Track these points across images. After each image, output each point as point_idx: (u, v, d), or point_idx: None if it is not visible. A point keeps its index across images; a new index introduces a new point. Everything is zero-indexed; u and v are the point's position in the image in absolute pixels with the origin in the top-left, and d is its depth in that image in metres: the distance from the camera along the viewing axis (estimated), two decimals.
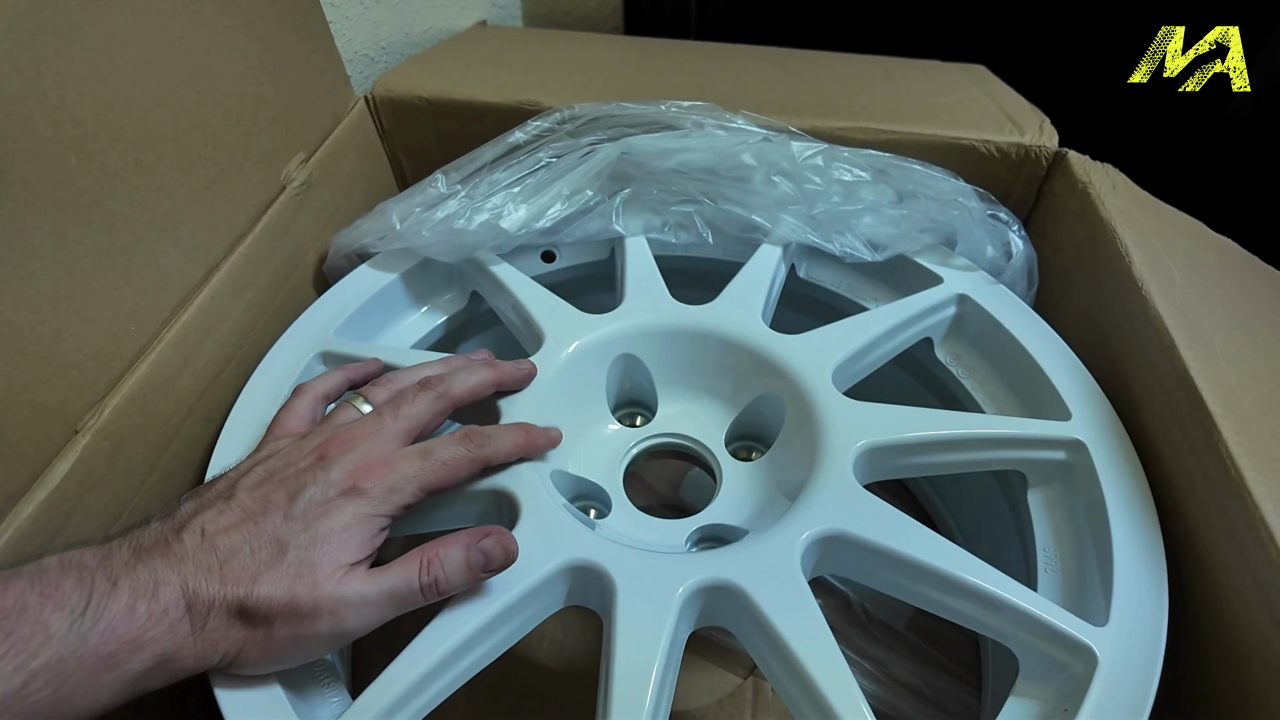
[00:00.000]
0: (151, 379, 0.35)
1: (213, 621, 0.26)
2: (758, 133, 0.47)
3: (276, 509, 0.28)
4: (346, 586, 0.28)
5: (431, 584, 0.29)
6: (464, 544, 0.29)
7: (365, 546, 0.29)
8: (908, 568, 0.32)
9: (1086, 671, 0.29)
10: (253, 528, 0.28)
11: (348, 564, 0.28)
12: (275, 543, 0.27)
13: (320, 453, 0.31)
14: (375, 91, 0.53)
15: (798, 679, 0.29)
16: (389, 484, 0.30)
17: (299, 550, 0.27)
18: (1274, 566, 0.28)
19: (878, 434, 0.36)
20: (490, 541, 0.30)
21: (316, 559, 0.27)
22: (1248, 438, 0.32)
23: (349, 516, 0.29)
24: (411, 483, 0.31)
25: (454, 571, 0.29)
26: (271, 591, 0.26)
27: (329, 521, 0.28)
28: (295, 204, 0.45)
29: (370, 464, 0.30)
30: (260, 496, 0.29)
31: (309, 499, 0.29)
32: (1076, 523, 0.36)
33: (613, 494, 0.40)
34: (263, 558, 0.27)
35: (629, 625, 0.30)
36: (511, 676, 0.47)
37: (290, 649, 0.28)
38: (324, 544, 0.28)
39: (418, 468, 0.31)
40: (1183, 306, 0.38)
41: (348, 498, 0.29)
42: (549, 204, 0.45)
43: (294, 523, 0.28)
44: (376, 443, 0.31)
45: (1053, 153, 0.49)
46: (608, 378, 0.43)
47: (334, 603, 0.27)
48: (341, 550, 0.28)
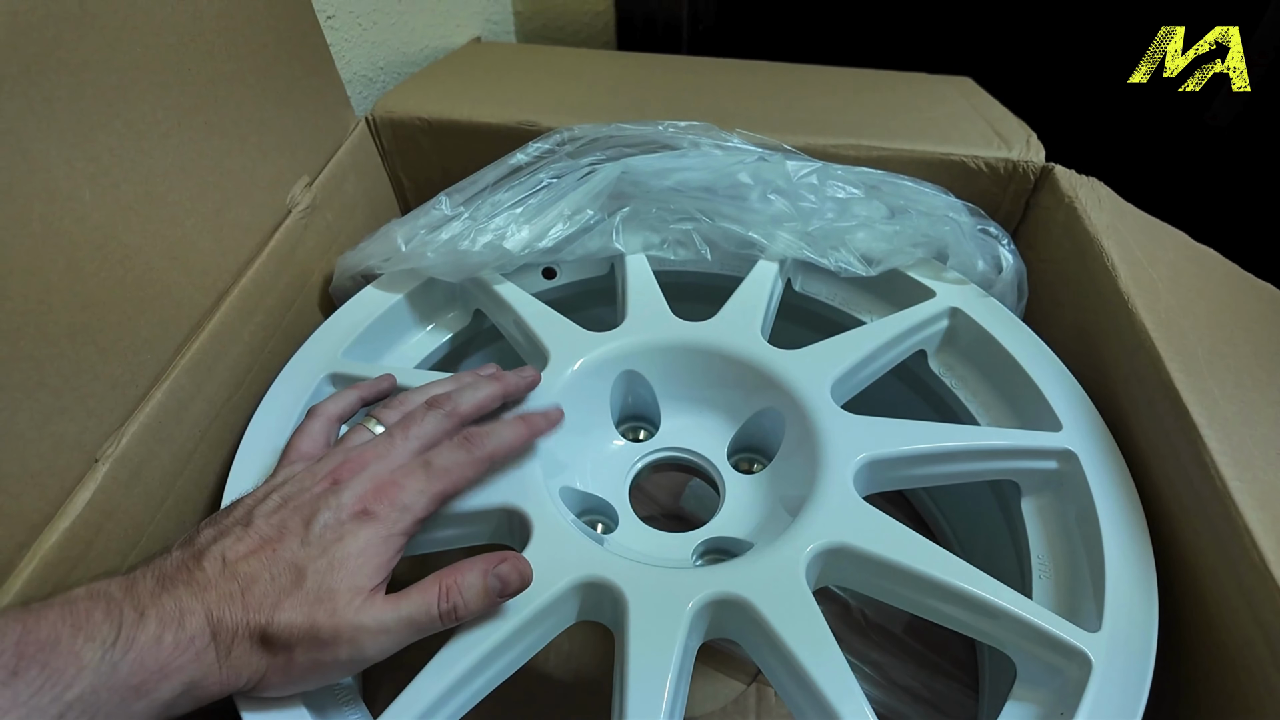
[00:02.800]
0: (166, 405, 0.36)
1: (237, 649, 0.27)
2: (753, 151, 0.48)
3: (293, 535, 0.29)
4: (366, 614, 0.28)
5: (450, 610, 0.29)
6: (481, 571, 0.30)
7: (382, 569, 0.30)
8: (908, 578, 0.33)
9: (1081, 675, 0.30)
10: (270, 554, 0.28)
11: (366, 589, 0.29)
12: (293, 569, 0.28)
13: (334, 477, 0.31)
14: (375, 113, 0.54)
15: (805, 689, 0.30)
16: (400, 503, 0.31)
17: (317, 576, 0.28)
18: (1257, 571, 0.29)
19: (876, 447, 0.37)
20: (507, 568, 0.30)
21: (334, 585, 0.28)
22: (1231, 446, 0.33)
23: (364, 540, 0.29)
24: (421, 497, 0.31)
25: (472, 598, 0.30)
26: (292, 619, 0.27)
27: (344, 546, 0.29)
28: (300, 227, 0.46)
29: (380, 485, 0.31)
30: (277, 523, 0.29)
31: (323, 524, 0.29)
32: (1068, 530, 0.38)
33: (619, 508, 0.41)
34: (282, 584, 0.28)
35: (641, 639, 0.31)
36: (520, 688, 0.48)
37: (311, 674, 0.28)
38: (341, 570, 0.28)
39: (423, 481, 0.32)
40: (1167, 319, 0.40)
41: (361, 521, 0.30)
42: (551, 224, 0.46)
43: (310, 548, 0.29)
44: (386, 464, 0.32)
45: (1039, 167, 0.50)
46: (611, 394, 0.44)
47: (353, 630, 0.28)
48: (358, 575, 0.29)
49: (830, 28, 0.80)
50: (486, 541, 0.37)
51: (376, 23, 0.60)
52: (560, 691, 0.48)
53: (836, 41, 0.80)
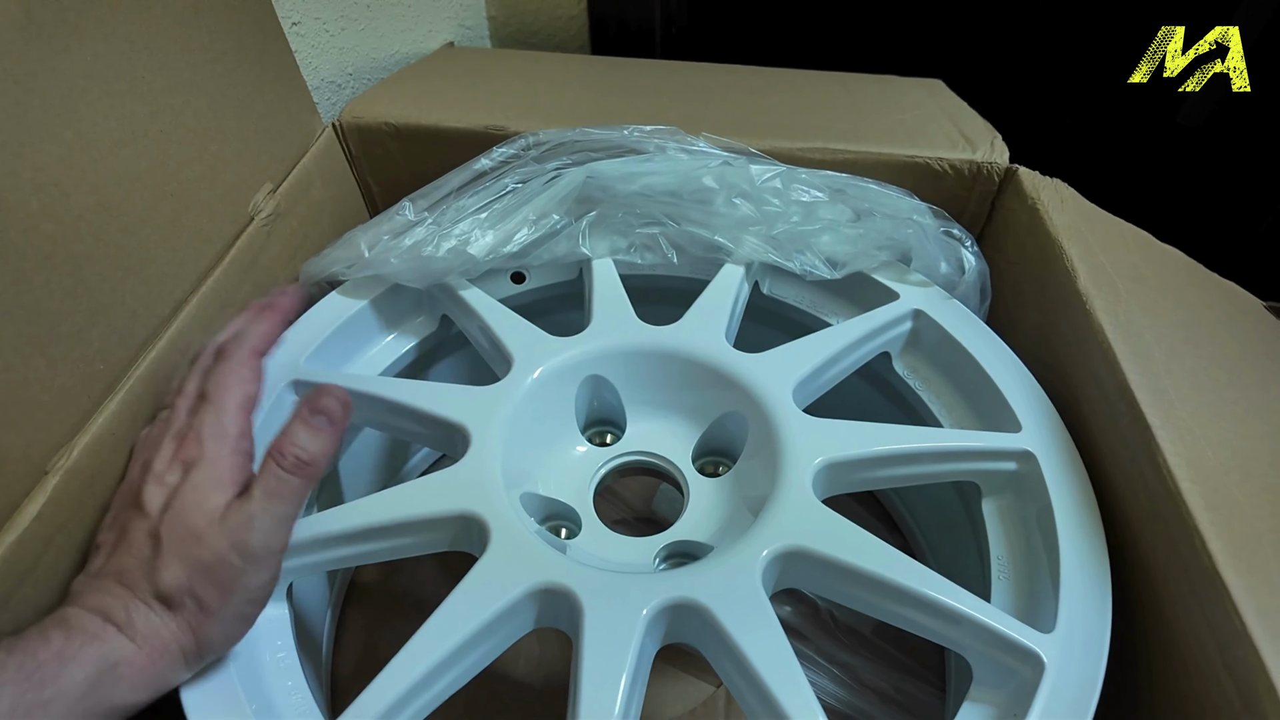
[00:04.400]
0: (121, 416, 0.35)
1: (139, 621, 0.28)
2: (719, 155, 0.48)
3: (135, 521, 0.30)
4: (229, 520, 0.29)
5: (296, 463, 0.31)
6: (300, 418, 0.32)
7: (227, 485, 0.31)
8: (865, 581, 0.33)
9: (1034, 677, 0.31)
10: (124, 546, 0.30)
11: (223, 506, 0.30)
12: (149, 539, 0.29)
13: (144, 464, 0.32)
14: (342, 119, 0.54)
15: (759, 694, 0.30)
16: (206, 435, 0.32)
17: (171, 530, 0.29)
18: (1207, 574, 0.30)
19: (835, 450, 0.37)
20: (323, 400, 0.33)
21: (190, 524, 0.29)
22: (1184, 447, 0.34)
23: (195, 480, 0.31)
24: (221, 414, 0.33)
25: (307, 442, 0.32)
26: (172, 570, 0.29)
27: (181, 496, 0.30)
28: (263, 235, 0.46)
29: (181, 437, 0.32)
30: (116, 525, 0.31)
31: (151, 496, 0.31)
32: (1028, 531, 0.38)
33: (583, 513, 0.41)
34: (146, 555, 0.29)
35: (595, 645, 0.31)
36: (489, 692, 0.48)
37: (228, 602, 0.29)
38: (186, 513, 0.30)
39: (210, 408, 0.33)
40: (1126, 320, 0.40)
41: (186, 471, 0.31)
42: (516, 229, 0.46)
43: (153, 517, 0.30)
44: (175, 423, 0.33)
45: (1004, 169, 0.50)
46: (577, 398, 0.44)
47: (228, 539, 0.29)
48: (205, 503, 0.30)
49: (804, 30, 0.80)
50: (446, 549, 0.36)
51: (344, 29, 0.60)
52: (530, 695, 0.48)
53: (810, 44, 0.80)
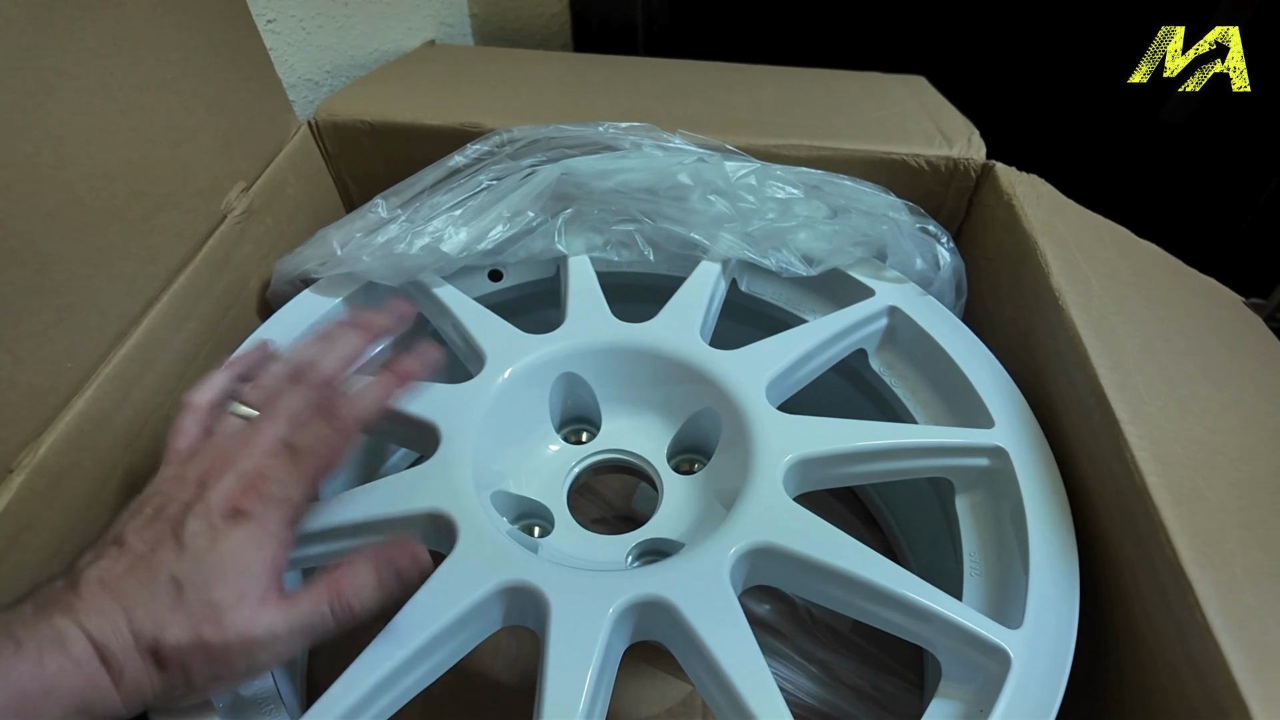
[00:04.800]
0: (90, 414, 0.35)
1: (129, 669, 0.26)
2: (694, 152, 0.48)
3: (166, 548, 0.27)
4: (255, 624, 0.27)
5: (345, 611, 0.28)
6: (374, 567, 0.29)
7: (268, 570, 0.28)
8: (834, 577, 0.33)
9: (1001, 672, 0.31)
10: (145, 571, 0.27)
11: (254, 595, 0.27)
12: (172, 583, 0.27)
13: (201, 480, 0.29)
14: (318, 116, 0.53)
15: (724, 690, 0.30)
16: (272, 496, 0.29)
17: (195, 589, 0.27)
18: (1171, 567, 0.30)
19: (806, 447, 0.37)
20: (401, 562, 0.29)
21: (216, 597, 0.27)
22: (1152, 443, 0.34)
23: (240, 543, 0.28)
24: (292, 485, 0.30)
25: (367, 596, 0.29)
26: (179, 637, 0.26)
27: (219, 553, 0.27)
28: (236, 232, 0.46)
29: (248, 480, 0.29)
30: (149, 538, 0.28)
31: (194, 532, 0.27)
32: (1000, 527, 0.38)
33: (556, 512, 0.41)
34: (164, 601, 0.26)
35: (561, 643, 0.31)
36: (466, 690, 0.48)
37: (214, 684, 0.28)
38: (220, 579, 0.27)
39: (290, 467, 0.30)
40: (1099, 316, 0.40)
41: (234, 523, 0.28)
42: (490, 226, 0.46)
43: (185, 560, 0.27)
44: (252, 455, 0.30)
45: (980, 165, 0.50)
46: (550, 396, 0.44)
47: (243, 642, 0.27)
48: (241, 582, 0.27)
49: (788, 28, 0.80)
50: None
51: (321, 26, 0.60)
52: (506, 693, 0.48)
53: (795, 41, 0.80)
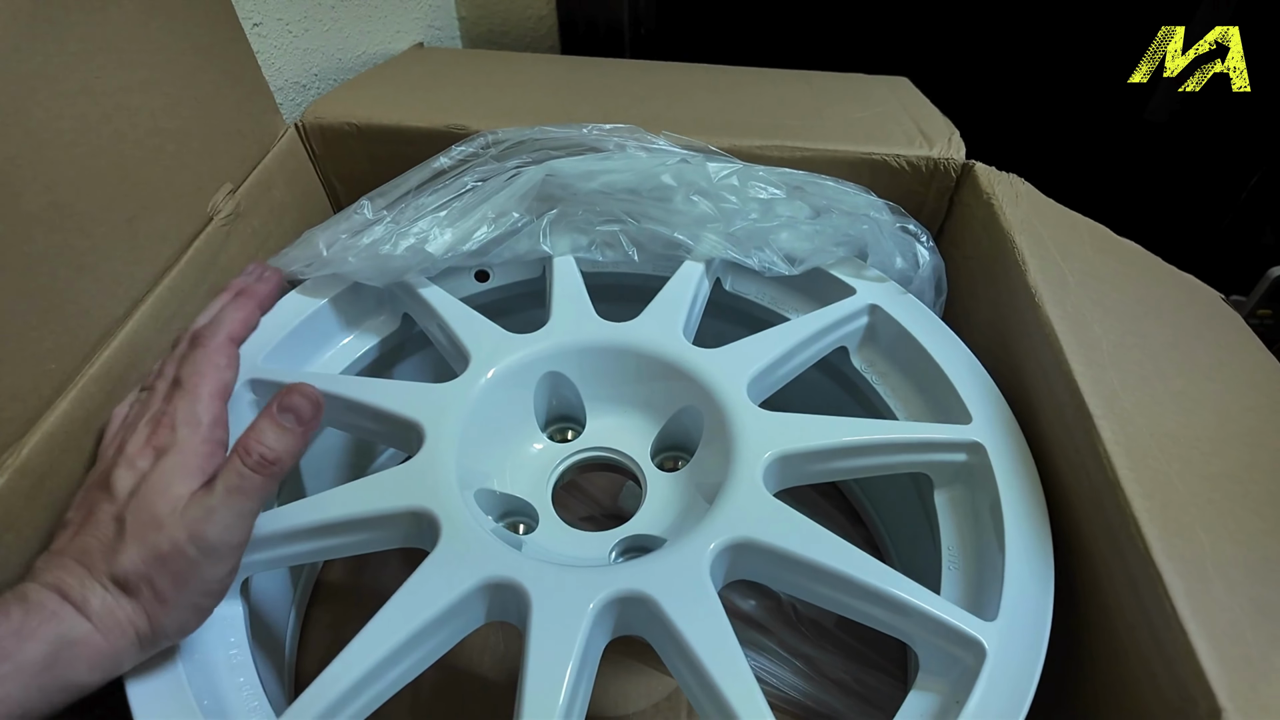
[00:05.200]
0: (74, 415, 0.36)
1: (95, 601, 0.28)
2: (677, 153, 0.49)
3: (102, 503, 0.31)
4: (190, 511, 0.30)
5: (260, 461, 0.31)
6: (269, 415, 0.33)
7: (197, 475, 0.31)
8: (811, 571, 0.34)
9: (976, 664, 0.31)
10: (90, 525, 0.30)
11: (185, 495, 0.31)
12: (113, 522, 0.30)
13: (118, 445, 0.33)
14: (305, 119, 0.54)
15: (702, 682, 0.30)
16: (178, 422, 0.33)
17: (134, 515, 0.30)
18: (1142, 559, 0.30)
19: (786, 443, 0.38)
20: (292, 399, 0.33)
21: (153, 510, 0.30)
22: (1125, 437, 0.34)
23: (164, 467, 0.31)
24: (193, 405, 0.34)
25: (273, 441, 0.32)
26: (131, 554, 0.29)
27: (149, 482, 0.31)
28: (223, 234, 0.46)
29: (155, 422, 0.33)
30: (84, 505, 0.32)
31: (121, 480, 0.31)
32: (978, 521, 0.38)
33: (540, 509, 0.41)
34: (109, 537, 0.30)
35: (542, 638, 0.31)
36: (454, 688, 0.48)
37: (183, 590, 0.30)
38: (151, 498, 0.30)
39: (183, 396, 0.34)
40: (1074, 312, 0.40)
41: (157, 457, 0.32)
42: (475, 227, 0.46)
43: (119, 502, 0.31)
44: (151, 407, 0.34)
45: (960, 164, 0.51)
46: (535, 395, 0.44)
47: (187, 529, 0.30)
48: (170, 490, 0.30)
49: (774, 30, 0.81)
50: (399, 546, 0.37)
51: (308, 30, 0.60)
52: (494, 690, 0.49)
53: (781, 44, 0.81)
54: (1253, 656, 0.27)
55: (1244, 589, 0.30)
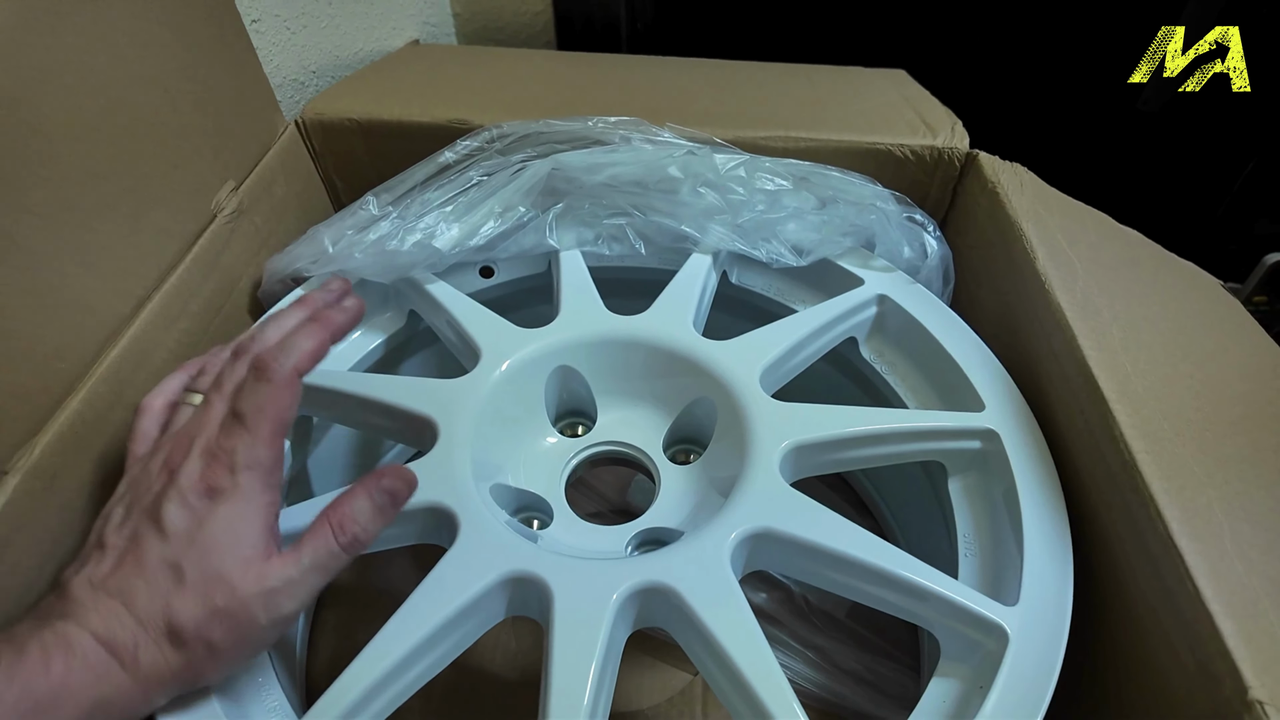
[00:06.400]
0: (84, 415, 0.35)
1: (143, 656, 0.26)
2: (683, 145, 0.49)
3: (150, 538, 0.28)
4: (269, 578, 0.28)
5: (351, 542, 0.30)
6: (366, 493, 0.31)
7: (264, 535, 0.29)
8: (831, 560, 0.34)
9: (999, 649, 0.31)
10: (134, 563, 0.28)
11: (259, 557, 0.28)
12: (168, 568, 0.27)
13: (169, 467, 0.30)
14: (304, 115, 0.53)
15: (728, 673, 0.30)
16: (238, 464, 0.30)
17: (195, 566, 0.27)
18: (1161, 541, 0.30)
19: (801, 433, 0.38)
20: (389, 481, 0.31)
21: (219, 567, 0.28)
22: (1140, 419, 0.34)
23: (224, 515, 0.29)
24: (252, 448, 0.30)
25: (367, 521, 0.31)
26: (193, 612, 0.27)
27: (208, 529, 0.28)
28: (226, 232, 0.45)
29: (211, 456, 0.30)
30: (128, 534, 0.29)
31: (174, 517, 0.28)
32: (993, 508, 0.38)
33: (554, 504, 0.41)
34: (164, 585, 0.27)
35: (566, 631, 0.31)
36: (466, 687, 0.48)
37: (241, 649, 0.28)
38: (216, 551, 0.28)
39: (244, 432, 0.30)
40: (1084, 298, 0.41)
41: (211, 498, 0.29)
42: (481, 221, 0.46)
43: (175, 543, 0.28)
44: (207, 432, 0.31)
45: (964, 154, 0.51)
46: (546, 390, 0.44)
47: (263, 597, 0.28)
48: (240, 548, 0.28)
49: (770, 25, 0.81)
50: (415, 542, 0.36)
51: (305, 26, 0.60)
52: (507, 689, 0.48)
53: (776, 38, 0.81)
54: (1276, 633, 0.28)
55: (1261, 567, 0.30)
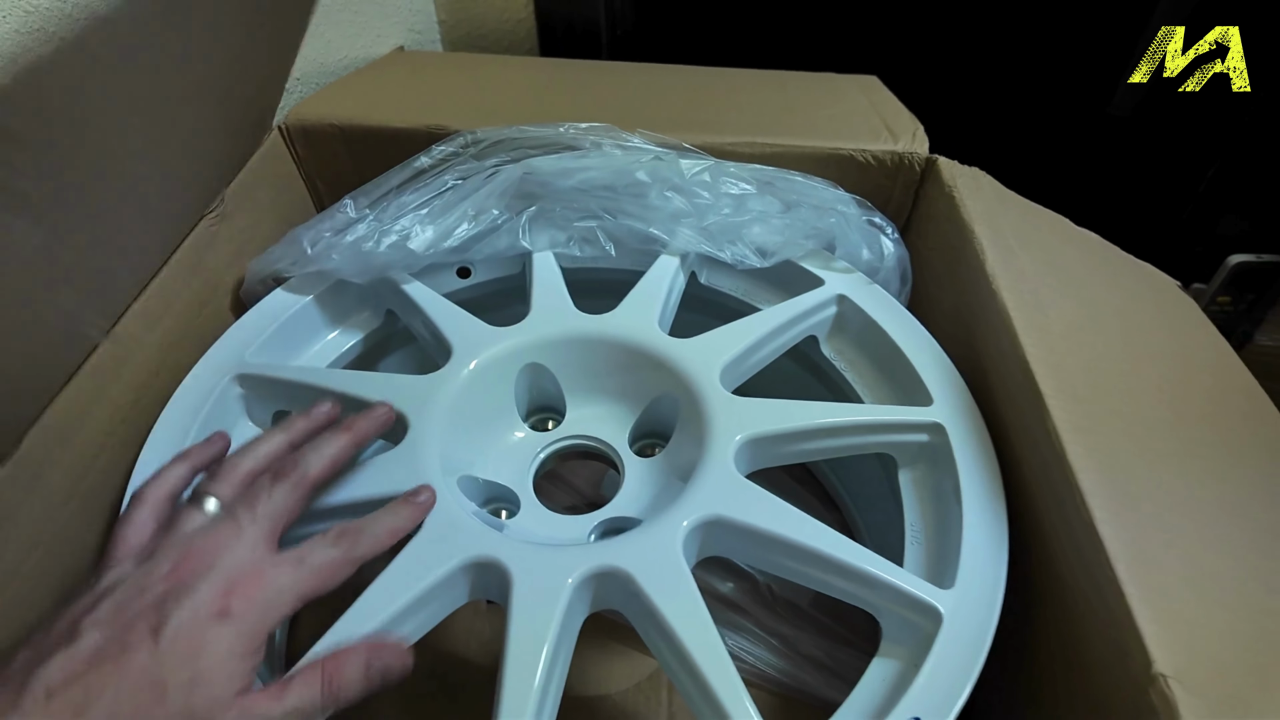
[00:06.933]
0: (68, 410, 0.37)
1: None
2: (651, 150, 0.50)
3: (139, 647, 0.25)
4: (250, 715, 0.26)
5: (335, 701, 0.29)
6: (366, 663, 0.30)
7: (249, 672, 0.28)
8: (779, 545, 0.35)
9: (934, 629, 0.33)
10: (113, 670, 0.25)
11: (244, 691, 0.27)
12: (151, 685, 0.25)
13: (177, 575, 0.28)
14: (288, 121, 0.55)
15: (675, 650, 0.32)
16: (264, 600, 0.28)
17: (182, 693, 0.25)
18: (1086, 528, 0.32)
19: (755, 426, 0.39)
20: (390, 659, 0.31)
21: (205, 701, 0.26)
22: (1074, 414, 0.36)
23: (227, 644, 0.27)
24: (287, 594, 0.29)
25: (358, 689, 0.29)
26: None
27: (208, 654, 0.26)
28: (209, 234, 0.47)
29: (236, 580, 0.28)
30: (114, 634, 0.26)
31: (176, 630, 0.26)
32: (940, 499, 0.40)
33: (522, 495, 0.43)
34: (139, 703, 0.25)
35: (523, 612, 0.32)
36: (439, 673, 0.50)
37: None
38: (209, 681, 0.26)
39: (293, 578, 0.29)
40: (1030, 297, 0.42)
41: (222, 622, 0.27)
42: (456, 224, 0.48)
43: (167, 660, 0.26)
44: (237, 554, 0.29)
45: (924, 159, 0.53)
46: (516, 386, 0.46)
47: None
48: (230, 682, 0.27)
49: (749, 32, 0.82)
50: None
51: None
52: (480, 676, 0.50)
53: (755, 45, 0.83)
54: (1189, 617, 0.29)
55: (1182, 554, 0.32)
